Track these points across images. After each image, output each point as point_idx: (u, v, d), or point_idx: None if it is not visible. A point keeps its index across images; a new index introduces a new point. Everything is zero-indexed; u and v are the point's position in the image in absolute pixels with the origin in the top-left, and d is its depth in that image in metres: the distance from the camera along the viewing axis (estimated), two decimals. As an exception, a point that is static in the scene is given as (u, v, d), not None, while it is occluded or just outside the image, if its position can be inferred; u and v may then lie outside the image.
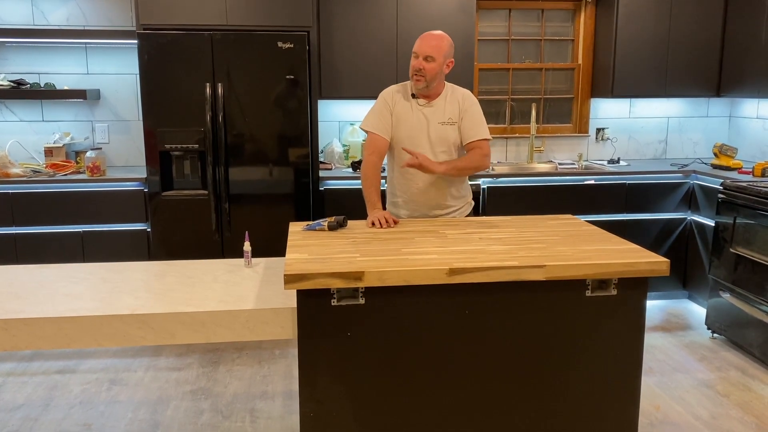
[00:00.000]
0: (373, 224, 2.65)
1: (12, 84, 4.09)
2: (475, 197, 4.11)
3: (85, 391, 3.25)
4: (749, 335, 3.58)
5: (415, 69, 2.72)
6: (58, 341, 2.08)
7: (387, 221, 2.64)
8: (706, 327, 3.97)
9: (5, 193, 3.83)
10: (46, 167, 4.11)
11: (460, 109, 2.82)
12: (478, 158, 2.79)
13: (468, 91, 2.89)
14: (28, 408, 3.08)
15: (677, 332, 4.00)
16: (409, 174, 2.82)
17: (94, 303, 2.18)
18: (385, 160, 2.91)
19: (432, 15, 4.20)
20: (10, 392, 3.23)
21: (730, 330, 3.74)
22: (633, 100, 4.89)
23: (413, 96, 2.83)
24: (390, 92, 2.87)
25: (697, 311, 4.33)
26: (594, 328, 2.18)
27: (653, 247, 4.35)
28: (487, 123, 4.96)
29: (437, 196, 2.85)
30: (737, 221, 3.66)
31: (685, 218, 4.37)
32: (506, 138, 4.83)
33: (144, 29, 3.77)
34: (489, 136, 2.84)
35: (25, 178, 3.88)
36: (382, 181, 3.04)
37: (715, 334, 3.91)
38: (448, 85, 2.87)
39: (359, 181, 4.00)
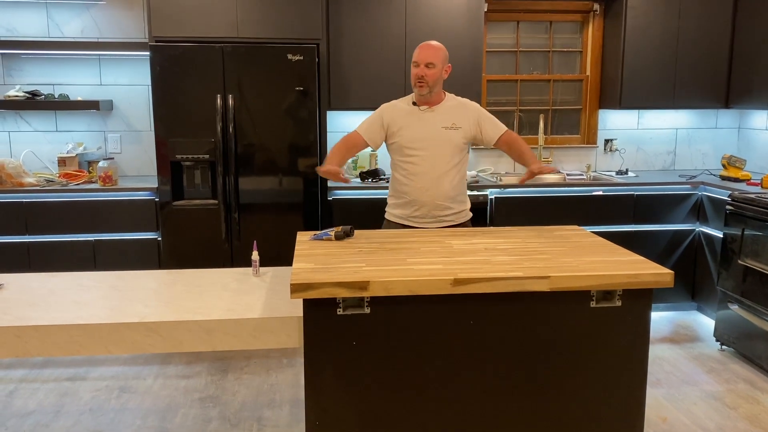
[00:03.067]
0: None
1: (27, 95, 4.16)
2: (482, 207, 4.14)
3: (95, 398, 3.29)
4: (758, 348, 3.56)
5: (417, 77, 2.90)
6: (68, 348, 2.12)
7: (336, 174, 2.76)
8: (714, 339, 3.95)
9: (19, 202, 3.89)
10: (59, 177, 4.17)
11: (475, 122, 2.99)
12: (523, 142, 3.05)
13: (470, 101, 3.07)
14: (39, 414, 3.11)
15: (685, 344, 3.98)
16: (412, 176, 2.95)
17: (104, 311, 2.22)
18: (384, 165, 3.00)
19: (440, 27, 4.24)
20: (22, 398, 3.27)
21: (738, 342, 3.72)
22: (641, 111, 4.90)
23: (414, 104, 2.99)
24: (390, 106, 3.05)
25: (705, 323, 4.31)
26: (598, 339, 2.18)
27: (661, 258, 4.34)
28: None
29: (438, 195, 2.95)
30: (746, 233, 3.65)
31: (694, 230, 4.36)
32: (514, 149, 4.84)
33: (156, 41, 3.83)
34: (506, 127, 3.05)
35: (38, 188, 3.94)
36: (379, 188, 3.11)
37: (723, 347, 3.89)
38: (449, 95, 3.05)
39: (368, 192, 4.05)
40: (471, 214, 3.11)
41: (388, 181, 3.96)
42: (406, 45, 4.23)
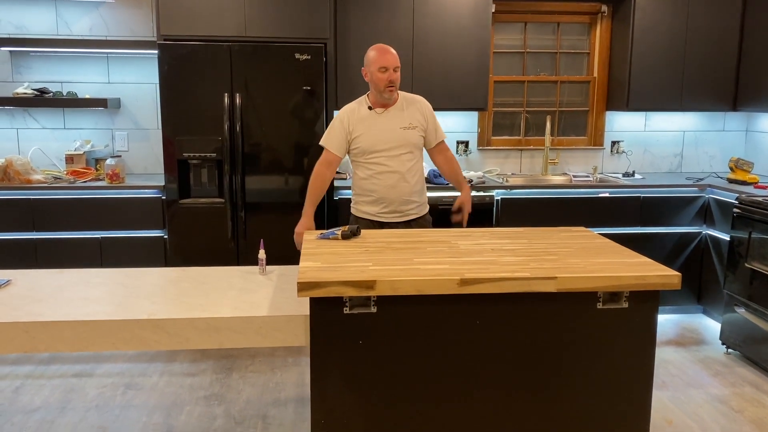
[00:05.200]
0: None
1: (35, 92, 4.18)
2: (489, 208, 4.14)
3: (100, 394, 3.30)
4: (764, 351, 3.55)
5: (390, 81, 3.00)
6: (76, 344, 2.13)
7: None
8: (720, 342, 3.94)
9: (27, 199, 3.90)
10: (66, 174, 4.19)
11: (424, 117, 3.13)
12: (456, 162, 3.31)
13: (421, 97, 3.18)
14: (44, 410, 3.13)
15: (691, 347, 3.97)
16: (379, 175, 3.07)
17: (111, 307, 2.23)
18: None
19: (447, 27, 4.24)
20: (28, 394, 3.29)
21: (744, 345, 3.71)
22: (648, 113, 4.89)
23: (370, 108, 3.08)
24: (346, 111, 3.12)
25: (711, 326, 4.30)
26: (605, 340, 2.18)
27: (667, 260, 4.33)
28: (502, 135, 5.04)
29: (404, 192, 3.09)
30: (752, 236, 3.64)
31: (700, 232, 4.35)
32: (521, 150, 4.85)
33: (164, 40, 3.84)
34: (445, 136, 3.25)
35: (46, 185, 3.96)
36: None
37: (729, 350, 3.88)
38: (400, 92, 3.14)
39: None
40: (428, 206, 3.26)
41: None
42: (413, 45, 4.23)
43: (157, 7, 3.84)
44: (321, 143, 3.15)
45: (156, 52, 3.86)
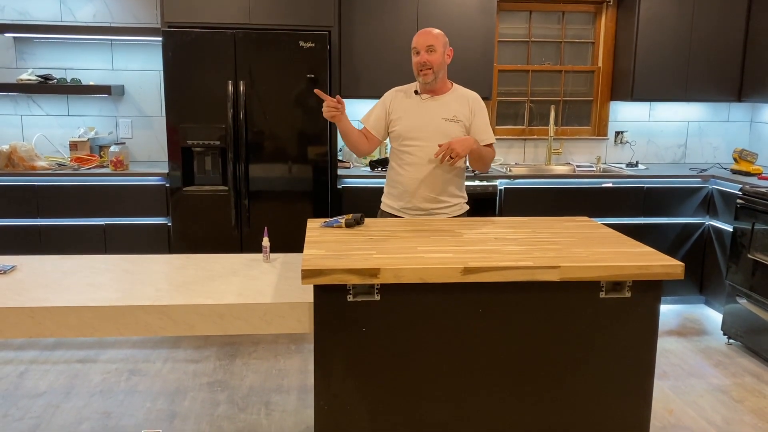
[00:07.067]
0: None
1: (39, 79, 4.18)
2: (492, 197, 4.14)
3: (105, 380, 3.33)
4: (765, 342, 3.56)
5: (420, 64, 2.79)
6: (81, 329, 2.14)
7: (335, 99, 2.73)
8: (722, 332, 3.95)
9: (31, 186, 3.91)
10: (70, 161, 4.20)
11: (470, 111, 2.88)
12: (492, 157, 2.96)
13: (476, 94, 2.94)
14: (50, 395, 3.15)
15: (693, 337, 3.98)
16: (407, 165, 2.87)
17: (116, 293, 2.24)
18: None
19: (452, 16, 4.22)
20: (33, 379, 3.31)
21: (746, 336, 3.72)
22: (653, 103, 4.87)
23: (416, 93, 2.90)
24: (392, 93, 2.96)
25: (713, 316, 4.31)
26: (607, 329, 2.19)
27: (670, 251, 4.34)
28: (506, 124, 5.01)
29: (429, 188, 2.86)
30: (756, 227, 3.64)
31: (703, 223, 4.35)
32: (524, 139, 4.84)
33: (168, 27, 3.84)
34: (494, 140, 2.95)
35: (50, 171, 3.97)
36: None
37: (731, 340, 3.89)
38: (456, 85, 2.94)
39: (377, 180, 4.05)
40: (467, 207, 3.00)
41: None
42: (418, 34, 4.21)
43: (161, -6, 3.83)
44: (360, 120, 2.98)
45: (160, 39, 3.86)
